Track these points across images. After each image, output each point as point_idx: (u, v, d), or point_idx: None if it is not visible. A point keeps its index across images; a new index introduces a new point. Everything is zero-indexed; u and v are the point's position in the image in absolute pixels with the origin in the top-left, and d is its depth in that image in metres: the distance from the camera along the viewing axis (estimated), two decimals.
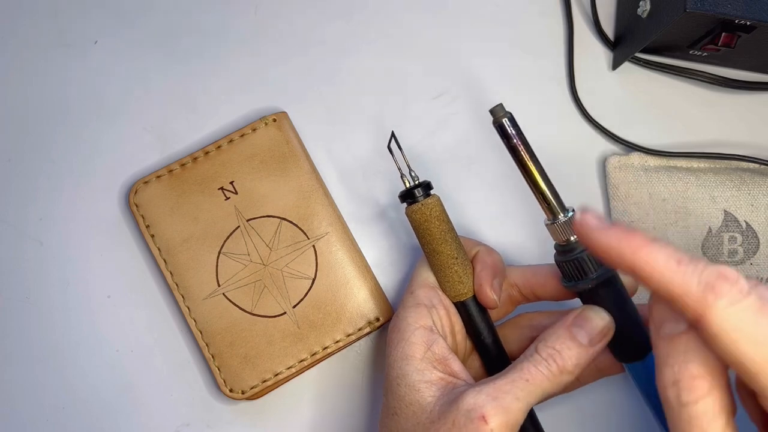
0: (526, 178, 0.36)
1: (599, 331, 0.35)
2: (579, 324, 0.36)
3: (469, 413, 0.34)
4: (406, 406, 0.36)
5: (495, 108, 0.35)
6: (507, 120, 0.35)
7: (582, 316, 0.36)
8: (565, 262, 0.36)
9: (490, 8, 0.50)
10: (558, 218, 0.36)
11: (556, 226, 0.36)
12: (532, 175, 0.35)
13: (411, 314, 0.38)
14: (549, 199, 0.36)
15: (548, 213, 0.36)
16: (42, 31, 0.48)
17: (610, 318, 0.36)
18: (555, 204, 0.36)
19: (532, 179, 0.36)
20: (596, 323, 0.36)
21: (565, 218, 0.35)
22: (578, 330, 0.35)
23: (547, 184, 0.36)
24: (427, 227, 0.39)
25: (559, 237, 0.36)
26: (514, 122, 0.35)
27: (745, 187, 0.47)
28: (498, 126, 0.35)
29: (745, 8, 0.41)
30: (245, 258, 0.44)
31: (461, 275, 0.39)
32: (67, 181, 0.46)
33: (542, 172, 0.36)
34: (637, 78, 0.50)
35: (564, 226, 0.36)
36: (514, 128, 0.35)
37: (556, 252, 0.37)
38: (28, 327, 0.45)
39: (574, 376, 0.35)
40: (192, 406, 0.45)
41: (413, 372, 0.37)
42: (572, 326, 0.36)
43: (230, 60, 0.48)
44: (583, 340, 0.35)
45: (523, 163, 0.35)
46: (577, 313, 0.36)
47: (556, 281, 0.39)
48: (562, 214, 0.36)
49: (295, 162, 0.45)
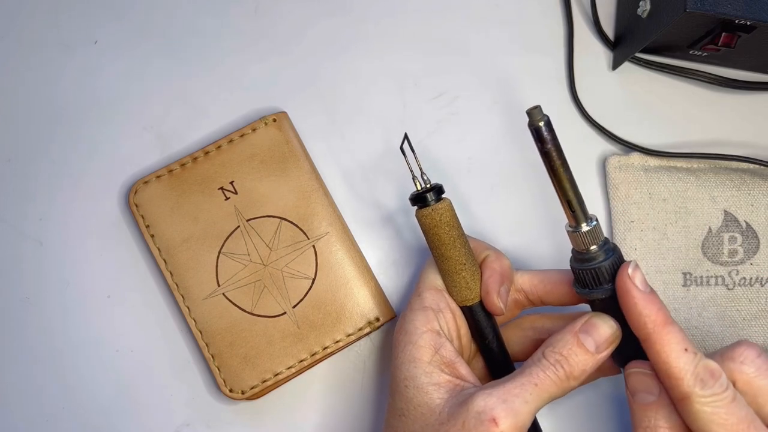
0: (555, 184, 0.35)
1: (606, 339, 0.36)
2: (586, 331, 0.36)
3: (480, 415, 0.34)
4: (414, 408, 0.36)
5: (533, 110, 0.33)
6: (544, 124, 0.33)
7: (590, 324, 0.36)
8: (582, 270, 0.36)
9: (490, 8, 0.50)
10: (581, 226, 0.35)
11: (578, 234, 0.35)
12: (561, 181, 0.34)
13: (418, 317, 0.39)
14: (575, 208, 0.35)
15: (572, 220, 0.35)
16: (42, 31, 0.48)
17: (617, 326, 0.36)
18: (580, 212, 0.35)
19: (561, 186, 0.35)
20: (604, 331, 0.36)
21: (588, 227, 0.35)
22: (586, 337, 0.36)
23: (575, 192, 0.35)
24: (436, 232, 0.38)
25: (580, 245, 0.35)
26: (550, 126, 0.34)
27: (745, 187, 0.47)
28: (534, 129, 0.34)
29: (745, 8, 0.41)
30: (245, 258, 0.44)
31: (468, 281, 0.39)
32: (67, 181, 0.46)
33: (572, 179, 0.35)
34: (637, 78, 0.50)
35: (586, 236, 0.35)
36: (549, 133, 0.34)
37: (573, 258, 0.36)
38: (28, 327, 0.45)
39: (580, 381, 0.36)
40: (192, 406, 0.45)
41: (421, 374, 0.37)
42: (580, 333, 0.36)
43: (230, 60, 0.48)
44: (590, 347, 0.35)
45: (554, 169, 0.34)
46: (585, 320, 0.36)
47: (564, 288, 0.39)
48: (585, 223, 0.35)
49: (295, 162, 0.45)
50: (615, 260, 0.35)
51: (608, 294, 0.35)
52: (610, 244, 0.36)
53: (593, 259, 0.35)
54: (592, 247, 0.35)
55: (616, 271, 0.35)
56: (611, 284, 0.35)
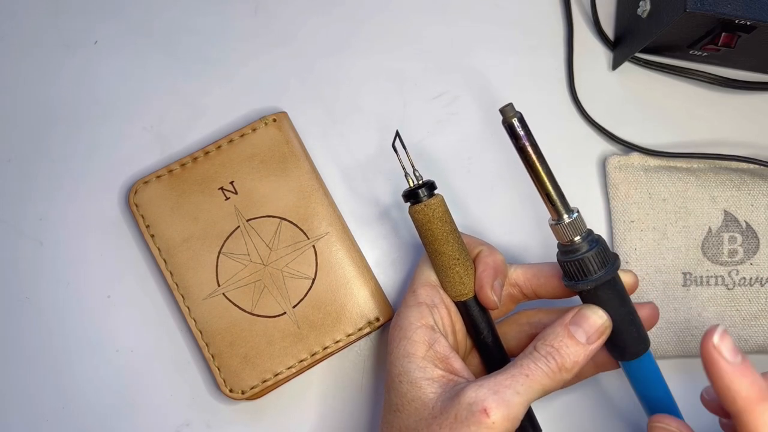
0: (533, 178, 0.35)
1: (596, 330, 0.36)
2: (577, 322, 0.36)
3: (471, 407, 0.34)
4: (408, 403, 0.37)
5: (505, 108, 0.35)
6: (517, 120, 0.34)
7: (580, 315, 0.36)
8: (567, 262, 0.36)
9: (490, 8, 0.50)
10: (563, 219, 0.36)
11: (560, 226, 0.36)
12: (539, 175, 0.35)
13: (413, 313, 0.39)
14: (555, 200, 0.35)
15: (553, 213, 0.36)
16: (42, 31, 0.48)
17: (607, 317, 0.36)
18: (560, 205, 0.35)
19: (539, 180, 0.35)
20: (594, 322, 0.36)
21: (569, 219, 0.35)
22: (576, 328, 0.36)
23: (553, 185, 0.35)
24: (429, 227, 0.39)
25: (563, 237, 0.36)
26: (523, 122, 0.35)
27: (745, 187, 0.47)
28: (507, 126, 0.35)
29: (745, 8, 0.41)
30: (245, 258, 0.44)
31: (462, 276, 0.39)
32: (67, 181, 0.46)
33: (549, 173, 0.35)
34: (637, 78, 0.50)
35: (568, 227, 0.36)
36: (523, 129, 0.35)
37: (559, 251, 0.37)
38: (27, 327, 0.45)
39: (572, 373, 0.36)
40: (192, 406, 0.45)
41: (415, 369, 0.37)
42: (570, 325, 0.36)
43: (230, 60, 0.48)
44: (581, 338, 0.36)
45: (530, 164, 0.35)
46: (575, 312, 0.37)
47: (557, 281, 0.39)
48: (566, 215, 0.36)
49: (295, 162, 0.45)
50: (599, 250, 0.36)
51: (594, 285, 0.36)
52: (594, 235, 0.36)
53: (577, 251, 0.36)
54: (576, 239, 0.36)
55: (601, 262, 0.36)
56: (597, 274, 0.36)
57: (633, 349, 0.38)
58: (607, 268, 0.36)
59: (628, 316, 0.37)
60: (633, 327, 0.37)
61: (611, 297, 0.36)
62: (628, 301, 0.37)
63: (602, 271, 0.36)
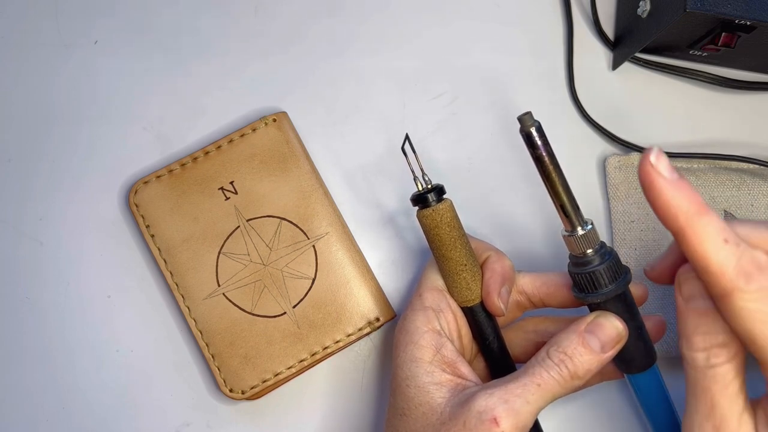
0: (548, 188, 0.35)
1: (611, 339, 0.35)
2: (592, 330, 0.35)
3: (481, 415, 0.34)
4: (415, 407, 0.36)
5: (524, 116, 0.33)
6: (535, 129, 0.33)
7: (595, 323, 0.36)
8: (578, 274, 0.35)
9: (490, 8, 0.50)
10: (576, 231, 0.35)
11: (573, 238, 0.35)
12: (555, 186, 0.34)
13: (419, 317, 0.39)
14: (569, 212, 0.35)
15: (567, 224, 0.35)
16: (42, 31, 0.48)
17: (623, 326, 0.36)
18: (575, 217, 0.35)
19: (554, 191, 0.35)
20: (609, 331, 0.35)
21: (583, 231, 0.35)
22: (591, 336, 0.35)
23: (568, 197, 0.35)
24: (437, 233, 0.38)
25: (576, 249, 0.35)
26: (541, 132, 0.34)
27: (745, 187, 0.47)
28: (525, 135, 0.34)
29: (745, 8, 0.41)
30: (245, 258, 0.44)
31: (469, 282, 0.39)
32: (67, 181, 0.46)
33: (565, 184, 0.35)
34: (637, 78, 0.50)
35: (581, 240, 0.35)
36: (541, 138, 0.34)
37: (570, 262, 0.36)
38: (27, 327, 0.45)
39: (584, 381, 0.36)
40: (192, 406, 0.45)
41: (423, 374, 0.37)
42: (585, 332, 0.35)
43: (230, 60, 0.48)
44: (595, 346, 0.35)
45: (547, 174, 0.34)
46: (591, 320, 0.36)
47: (566, 291, 0.39)
48: (580, 227, 0.35)
49: (295, 162, 0.45)
50: (611, 264, 0.35)
51: (605, 298, 0.35)
52: (607, 248, 0.36)
53: (589, 263, 0.35)
54: (588, 251, 0.35)
55: (612, 275, 0.35)
56: (608, 288, 0.35)
57: (639, 363, 0.37)
58: (618, 282, 0.35)
59: (637, 330, 0.36)
60: (641, 341, 0.37)
61: (621, 311, 0.36)
62: (637, 315, 0.37)
63: (613, 285, 0.35)
